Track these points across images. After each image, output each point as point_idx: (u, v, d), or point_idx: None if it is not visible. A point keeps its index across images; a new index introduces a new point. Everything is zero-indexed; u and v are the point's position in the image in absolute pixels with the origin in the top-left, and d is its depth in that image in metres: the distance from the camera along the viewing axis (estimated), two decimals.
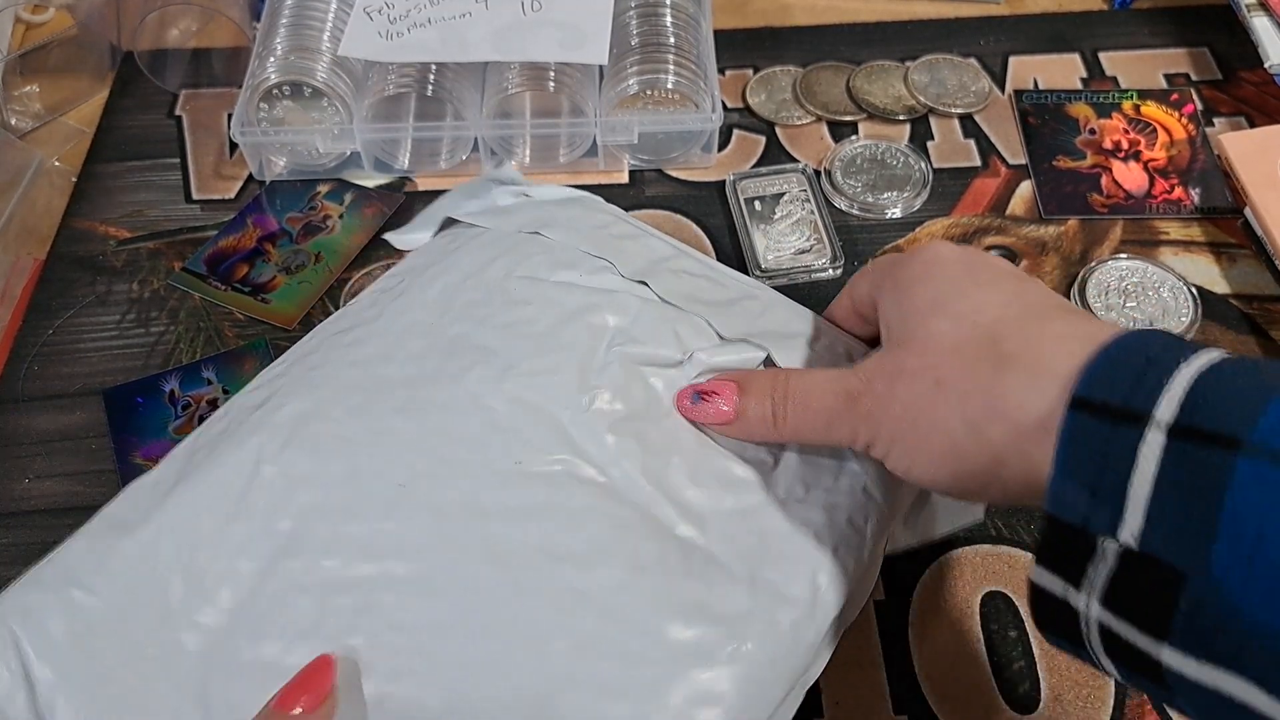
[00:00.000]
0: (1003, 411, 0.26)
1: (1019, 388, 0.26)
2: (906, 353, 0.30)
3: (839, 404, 0.31)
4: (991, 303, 0.29)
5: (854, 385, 0.30)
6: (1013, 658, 0.38)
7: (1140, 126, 0.55)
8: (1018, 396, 0.26)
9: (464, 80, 0.52)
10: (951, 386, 0.28)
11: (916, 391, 0.28)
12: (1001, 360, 0.27)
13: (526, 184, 0.42)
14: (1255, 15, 0.54)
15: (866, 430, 0.30)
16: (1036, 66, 0.59)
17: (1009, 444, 0.26)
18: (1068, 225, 0.51)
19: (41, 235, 0.52)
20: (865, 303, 0.35)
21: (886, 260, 0.34)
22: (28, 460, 0.43)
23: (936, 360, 0.28)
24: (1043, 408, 0.25)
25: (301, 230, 0.51)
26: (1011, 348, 0.27)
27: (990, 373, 0.27)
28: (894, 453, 0.30)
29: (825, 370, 0.33)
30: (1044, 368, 0.26)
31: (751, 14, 0.62)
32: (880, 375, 0.30)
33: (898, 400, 0.29)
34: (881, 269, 0.34)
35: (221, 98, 0.57)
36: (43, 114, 0.57)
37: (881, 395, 0.30)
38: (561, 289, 0.36)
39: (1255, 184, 0.49)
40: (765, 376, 0.33)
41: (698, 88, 0.51)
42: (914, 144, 0.54)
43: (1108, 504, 0.23)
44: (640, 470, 0.32)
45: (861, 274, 0.35)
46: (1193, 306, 0.47)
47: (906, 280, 0.31)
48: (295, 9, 0.53)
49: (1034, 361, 0.26)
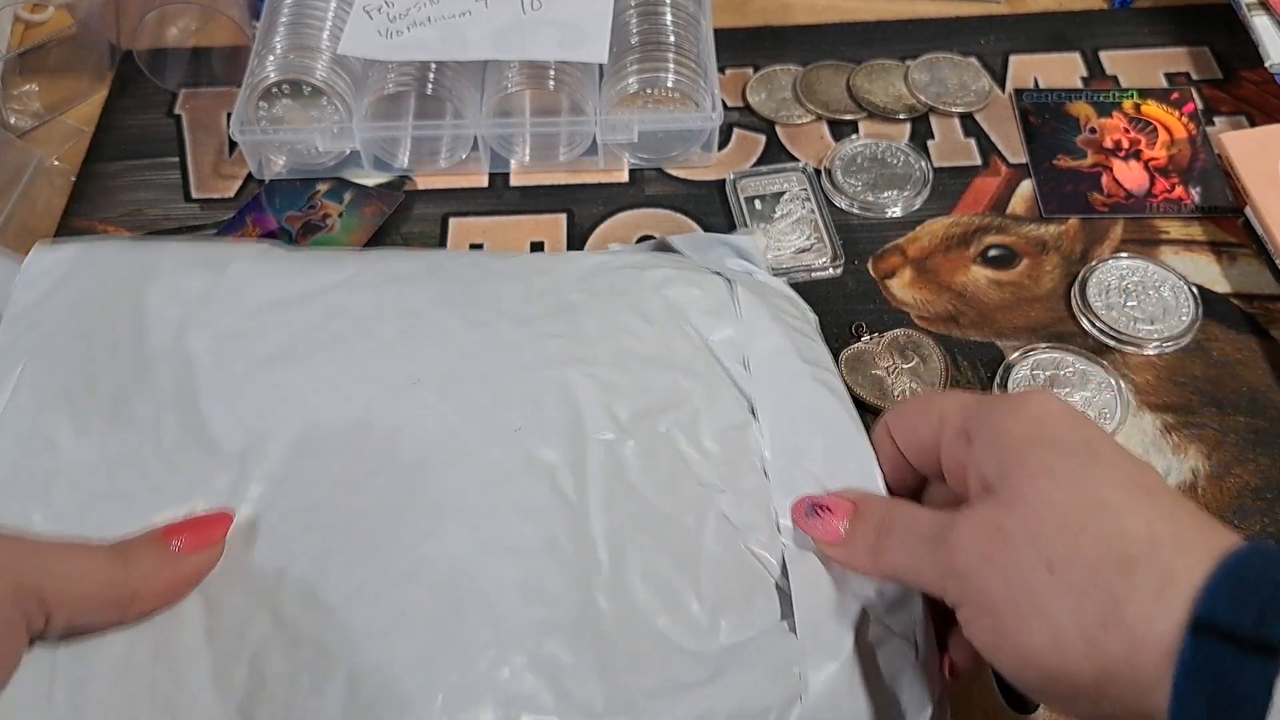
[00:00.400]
0: (1123, 623, 0.24)
1: (1144, 600, 0.24)
2: (1011, 514, 0.26)
3: (931, 550, 0.28)
4: (1114, 482, 0.26)
5: (950, 534, 0.27)
6: None
7: (1141, 126, 0.55)
8: (1141, 609, 0.24)
9: (464, 79, 0.52)
10: (1067, 578, 0.25)
11: (1022, 568, 0.25)
12: (1127, 563, 0.24)
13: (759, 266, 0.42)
14: (1255, 14, 0.54)
15: (955, 589, 0.27)
16: (1037, 65, 0.58)
17: (1122, 658, 0.24)
18: (1068, 224, 0.51)
19: (41, 234, 0.51)
20: (922, 448, 0.32)
21: (974, 403, 0.30)
22: None
23: (1048, 536, 0.25)
24: (1167, 627, 0.23)
25: (301, 229, 0.51)
26: (1139, 549, 0.24)
27: (1114, 574, 0.24)
28: (980, 627, 0.27)
29: (930, 510, 0.30)
30: (1172, 580, 0.24)
31: (752, 13, 0.62)
32: (976, 533, 0.27)
33: (996, 570, 0.26)
34: (970, 412, 0.30)
35: (221, 97, 0.57)
36: (42, 113, 0.57)
37: (976, 555, 0.27)
38: (689, 340, 0.36)
39: (1256, 183, 0.49)
40: (879, 505, 0.31)
41: (698, 86, 0.51)
42: (914, 143, 0.54)
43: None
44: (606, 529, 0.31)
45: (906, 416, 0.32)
46: (1193, 306, 0.47)
47: (1012, 434, 0.28)
48: (295, 8, 0.53)
49: (1162, 571, 0.24)
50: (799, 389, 0.35)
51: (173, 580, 0.28)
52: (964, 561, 0.27)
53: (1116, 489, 0.26)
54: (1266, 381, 0.45)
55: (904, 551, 0.29)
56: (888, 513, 0.30)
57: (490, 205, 0.52)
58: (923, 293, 0.48)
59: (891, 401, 0.44)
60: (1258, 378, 0.45)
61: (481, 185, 0.53)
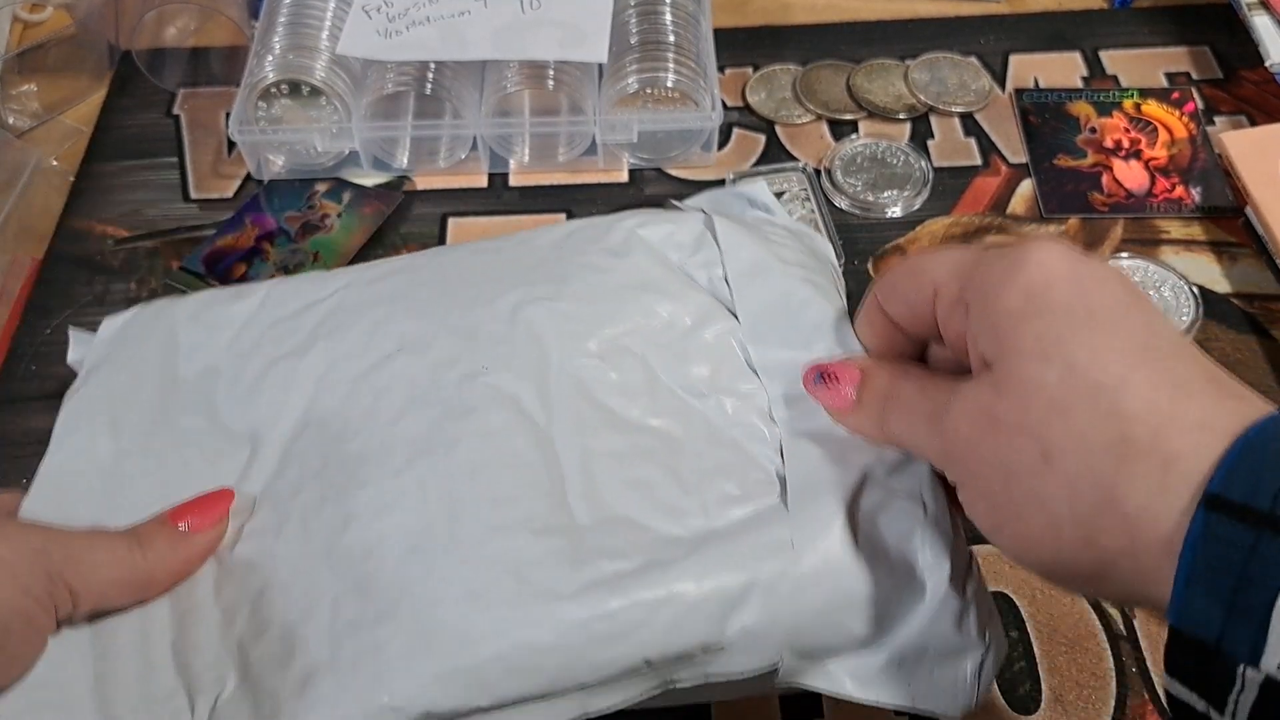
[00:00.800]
0: (1121, 514, 0.22)
1: (1143, 490, 0.22)
2: (1002, 398, 0.25)
3: (930, 428, 0.27)
4: (1114, 352, 0.24)
5: (945, 417, 0.26)
6: (1013, 658, 0.37)
7: (1141, 125, 0.55)
8: (1141, 499, 0.22)
9: (463, 79, 0.52)
10: (1061, 465, 0.23)
11: (1016, 455, 0.24)
12: (1125, 448, 0.23)
13: (776, 209, 0.42)
14: (1256, 14, 0.54)
15: (951, 471, 0.27)
16: (1037, 65, 0.58)
17: (1122, 550, 0.23)
18: (1068, 224, 0.51)
19: (39, 234, 0.51)
20: (917, 318, 0.30)
21: (969, 266, 0.27)
22: (27, 460, 0.43)
23: (1042, 421, 0.24)
24: (1170, 517, 0.22)
25: (300, 229, 0.51)
26: (1138, 432, 0.22)
27: (1111, 462, 0.23)
28: (977, 510, 0.26)
29: (934, 381, 0.28)
30: (1176, 466, 0.22)
31: (751, 12, 0.62)
32: (969, 418, 0.26)
33: (990, 456, 0.25)
34: (966, 277, 0.27)
35: (220, 96, 0.57)
36: (41, 113, 0.57)
37: (970, 442, 0.26)
38: (663, 266, 0.36)
39: (1256, 183, 0.49)
40: (885, 373, 0.30)
41: (697, 86, 0.51)
42: (914, 143, 0.54)
43: (1247, 625, 0.20)
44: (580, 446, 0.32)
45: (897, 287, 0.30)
46: (1193, 305, 0.47)
47: (1005, 306, 0.26)
48: (294, 7, 0.52)
49: (1164, 456, 0.22)
50: (778, 287, 0.35)
51: (186, 559, 0.30)
52: (958, 447, 0.26)
53: (1115, 361, 0.23)
54: (1267, 381, 0.45)
55: (906, 425, 0.28)
56: (892, 383, 0.29)
57: (489, 205, 0.52)
58: None
59: None
60: (1258, 377, 0.45)
61: (481, 185, 0.53)
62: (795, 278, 0.35)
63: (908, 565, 0.30)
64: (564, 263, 0.36)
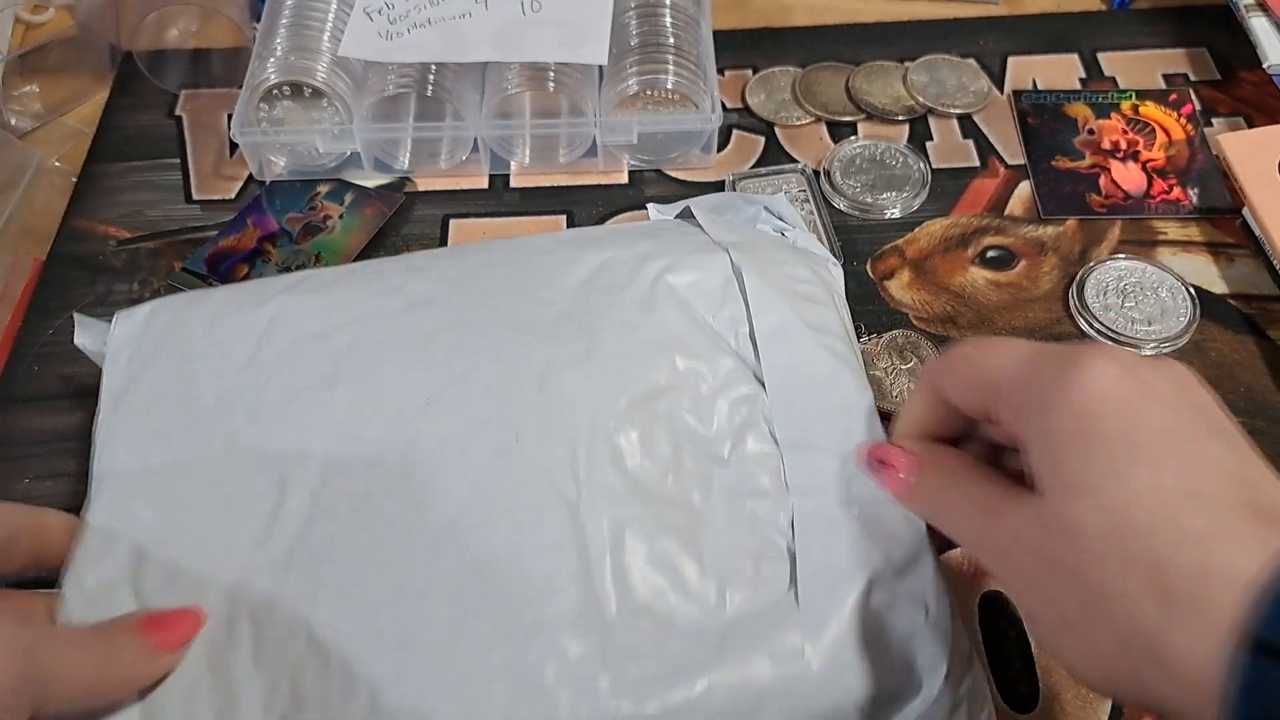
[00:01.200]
0: (1165, 660, 0.23)
1: (1185, 638, 0.23)
2: (1050, 539, 0.26)
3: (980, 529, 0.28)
4: (1153, 492, 0.24)
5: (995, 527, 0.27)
6: (1011, 658, 0.38)
7: (1139, 126, 0.55)
8: (1183, 646, 0.23)
9: (464, 80, 0.52)
10: (1103, 607, 0.24)
11: (1064, 596, 0.25)
12: (1162, 593, 0.23)
13: (793, 224, 0.43)
14: (1254, 15, 0.55)
15: (1003, 586, 0.28)
16: (1035, 67, 0.59)
17: (1169, 694, 0.23)
18: (1066, 225, 0.51)
19: (41, 235, 0.52)
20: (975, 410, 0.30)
21: (1028, 378, 0.28)
22: (27, 460, 0.43)
23: (1089, 564, 0.24)
24: (1212, 662, 0.22)
25: (301, 230, 0.51)
26: (1174, 579, 0.23)
27: (1150, 606, 0.23)
28: (1032, 629, 0.27)
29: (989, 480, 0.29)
30: (1211, 612, 0.22)
31: (751, 14, 0.62)
32: (1021, 546, 0.26)
33: (1041, 589, 0.26)
34: (1024, 390, 0.28)
35: (221, 98, 0.57)
36: (42, 114, 0.57)
37: (1015, 565, 0.27)
38: (690, 321, 0.37)
39: (1254, 184, 0.49)
40: (937, 467, 0.31)
41: (697, 88, 0.51)
42: (913, 144, 0.54)
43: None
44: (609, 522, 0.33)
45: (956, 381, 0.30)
46: (1191, 306, 0.47)
47: (1056, 427, 0.26)
48: (295, 9, 0.53)
49: (1202, 603, 0.23)
50: (802, 355, 0.36)
51: (149, 676, 0.30)
52: (1011, 572, 0.27)
53: (1154, 501, 0.24)
54: (1264, 382, 0.45)
55: (957, 528, 0.30)
56: (945, 481, 0.30)
57: (490, 207, 0.53)
58: (921, 294, 0.48)
59: (890, 402, 0.44)
60: (1255, 378, 0.45)
61: (482, 187, 0.53)
62: (820, 345, 0.36)
63: (908, 665, 0.31)
64: (593, 315, 0.37)
